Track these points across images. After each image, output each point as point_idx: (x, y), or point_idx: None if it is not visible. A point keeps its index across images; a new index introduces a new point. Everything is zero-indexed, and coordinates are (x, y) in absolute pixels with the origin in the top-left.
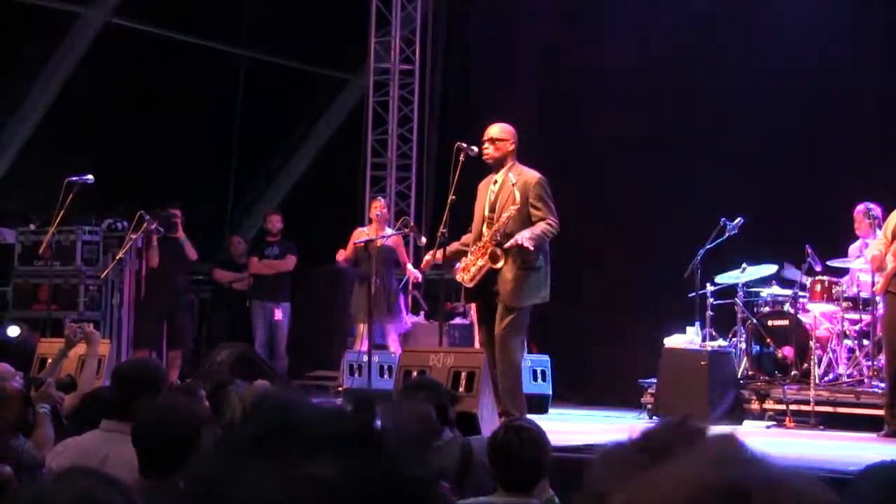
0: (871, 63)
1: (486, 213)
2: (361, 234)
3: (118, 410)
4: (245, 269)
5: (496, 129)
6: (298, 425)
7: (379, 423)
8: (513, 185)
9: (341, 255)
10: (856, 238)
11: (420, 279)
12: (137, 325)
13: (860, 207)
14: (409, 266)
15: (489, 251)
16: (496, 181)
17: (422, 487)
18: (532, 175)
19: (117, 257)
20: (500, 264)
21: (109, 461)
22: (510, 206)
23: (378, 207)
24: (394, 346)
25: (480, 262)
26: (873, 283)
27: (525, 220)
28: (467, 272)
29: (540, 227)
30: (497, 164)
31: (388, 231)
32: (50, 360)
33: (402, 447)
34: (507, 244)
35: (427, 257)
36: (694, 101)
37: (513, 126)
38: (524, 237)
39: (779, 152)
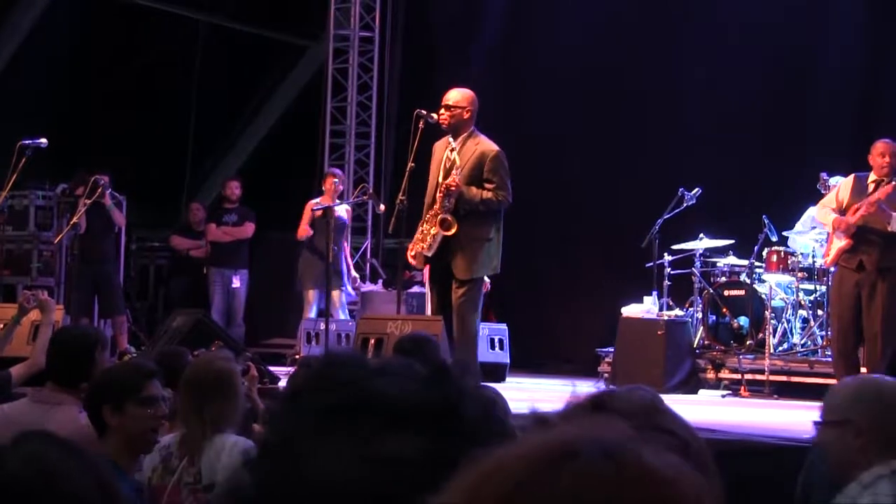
0: (829, 35)
1: (441, 179)
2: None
3: (57, 378)
4: (203, 236)
5: (453, 95)
6: (377, 397)
7: (460, 394)
8: (454, 150)
9: (303, 231)
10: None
11: None
12: (67, 293)
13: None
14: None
15: (439, 218)
16: (454, 148)
17: None
18: (490, 147)
19: (71, 222)
20: (452, 231)
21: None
22: (452, 172)
23: (331, 182)
24: (342, 312)
25: (434, 231)
26: (827, 252)
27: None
28: (425, 242)
29: (483, 193)
30: (453, 130)
31: (338, 203)
32: (1, 327)
33: (481, 421)
34: (443, 184)
35: (412, 253)
36: (652, 71)
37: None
38: (456, 184)
39: (736, 123)
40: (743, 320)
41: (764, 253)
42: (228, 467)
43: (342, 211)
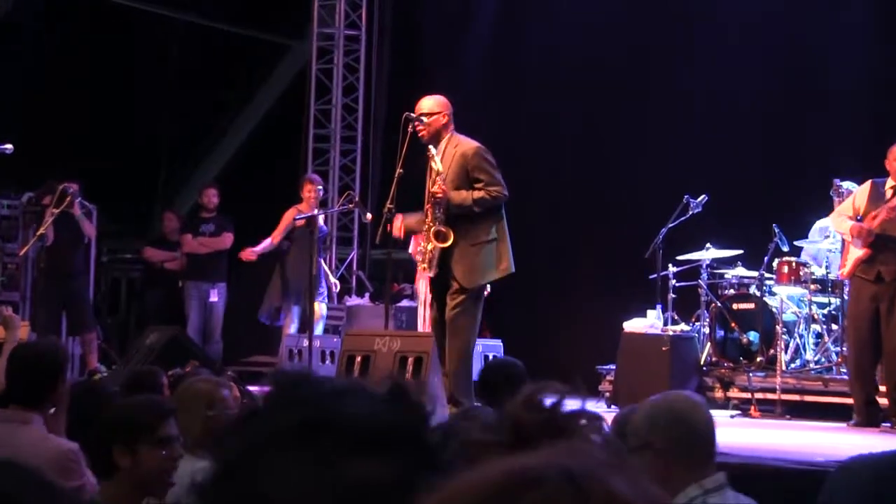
0: (842, 35)
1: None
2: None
3: (20, 397)
4: (178, 248)
5: (426, 104)
6: (340, 418)
7: (418, 410)
8: (433, 157)
9: (276, 238)
10: (819, 216)
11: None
12: (33, 309)
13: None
14: None
15: (433, 231)
16: (432, 155)
17: None
18: (469, 145)
19: (38, 233)
20: (449, 241)
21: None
22: (437, 180)
23: (312, 189)
24: (319, 328)
25: (430, 246)
26: (843, 263)
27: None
28: (425, 261)
29: (473, 194)
30: (433, 140)
31: (321, 212)
32: None
33: (442, 445)
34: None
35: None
36: (654, 71)
37: (448, 96)
38: (442, 191)
39: (745, 129)
40: (753, 335)
41: (774, 264)
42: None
43: (321, 219)
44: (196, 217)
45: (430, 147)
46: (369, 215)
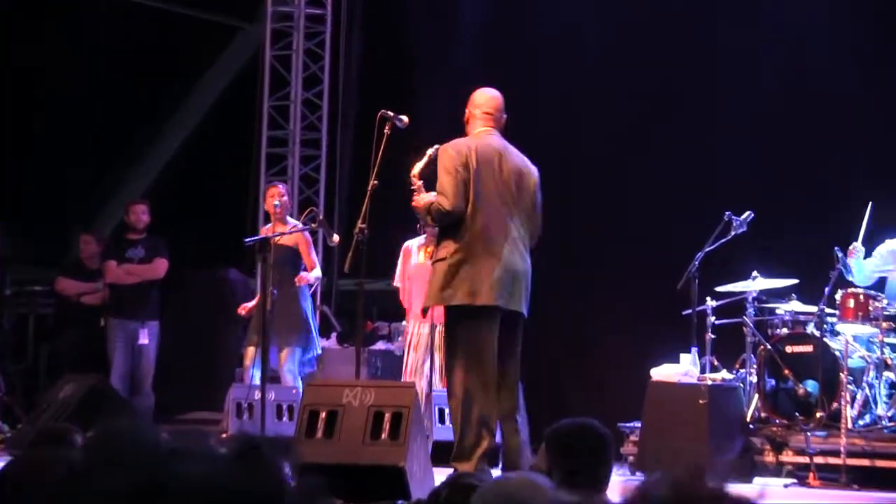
0: None
1: None
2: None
3: None
4: (99, 277)
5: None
6: (177, 480)
7: (270, 471)
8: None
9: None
10: (883, 238)
11: (312, 281)
12: None
13: None
14: (317, 270)
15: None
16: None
17: None
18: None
19: None
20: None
21: None
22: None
23: (276, 196)
24: (290, 377)
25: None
26: None
27: None
28: None
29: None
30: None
31: (291, 223)
32: None
33: (296, 499)
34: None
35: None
36: (685, 67)
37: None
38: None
39: (797, 133)
40: (811, 385)
41: (837, 296)
42: None
43: (289, 239)
44: (121, 239)
45: (433, 147)
46: (336, 237)
